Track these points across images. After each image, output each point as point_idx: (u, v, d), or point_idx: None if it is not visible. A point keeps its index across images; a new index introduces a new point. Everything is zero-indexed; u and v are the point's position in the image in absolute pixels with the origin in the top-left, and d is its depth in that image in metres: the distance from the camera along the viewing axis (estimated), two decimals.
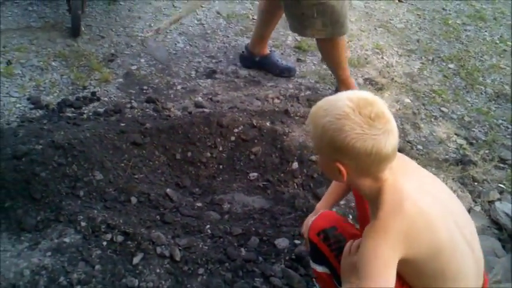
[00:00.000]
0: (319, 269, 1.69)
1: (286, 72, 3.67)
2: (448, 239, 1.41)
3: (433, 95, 3.70)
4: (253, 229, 2.35)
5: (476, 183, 2.87)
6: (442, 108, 3.57)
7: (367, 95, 1.36)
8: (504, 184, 2.87)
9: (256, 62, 3.70)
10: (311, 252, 1.73)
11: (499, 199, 2.74)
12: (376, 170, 1.38)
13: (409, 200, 1.37)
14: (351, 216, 2.50)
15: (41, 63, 3.47)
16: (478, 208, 2.69)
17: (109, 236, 2.14)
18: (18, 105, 3.03)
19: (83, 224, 2.18)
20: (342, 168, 1.38)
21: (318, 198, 2.59)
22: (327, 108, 1.35)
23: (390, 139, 1.32)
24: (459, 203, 1.57)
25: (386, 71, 3.94)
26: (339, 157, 1.37)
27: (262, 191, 2.68)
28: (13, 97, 3.10)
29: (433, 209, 1.41)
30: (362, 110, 1.30)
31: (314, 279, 2.04)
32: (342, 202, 2.53)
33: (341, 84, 3.33)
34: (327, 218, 1.72)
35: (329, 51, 3.21)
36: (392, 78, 3.85)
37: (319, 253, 1.67)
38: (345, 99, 1.34)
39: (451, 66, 4.12)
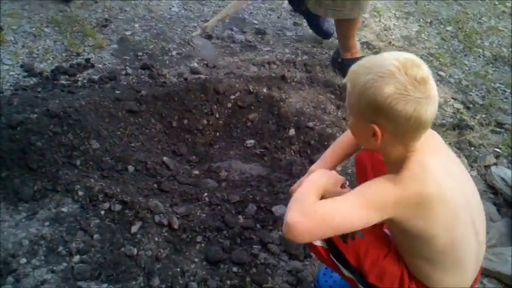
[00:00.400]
0: (317, 242, 1.65)
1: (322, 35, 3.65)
2: (461, 231, 1.41)
3: (431, 58, 3.67)
4: (251, 196, 2.35)
5: (472, 148, 2.87)
6: (440, 72, 3.54)
7: (414, 57, 1.30)
8: (500, 148, 2.88)
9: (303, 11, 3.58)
10: None
11: (495, 164, 2.74)
12: (411, 137, 1.33)
13: (431, 177, 1.34)
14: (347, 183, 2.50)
15: (34, 29, 3.41)
16: (474, 173, 2.70)
17: (107, 205, 2.15)
18: (11, 73, 2.99)
19: (81, 193, 2.18)
20: (378, 130, 1.32)
21: None
22: (369, 66, 1.30)
23: (431, 106, 1.28)
24: (475, 189, 1.54)
25: (384, 34, 3.90)
26: (376, 118, 1.30)
27: (259, 158, 2.67)
28: (6, 65, 3.05)
29: (455, 196, 1.38)
30: (408, 71, 1.25)
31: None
32: (338, 168, 2.53)
33: (345, 51, 3.27)
34: None
35: (349, 27, 3.15)
36: (390, 42, 3.81)
37: None
38: (391, 58, 1.28)
39: (449, 28, 4.08)
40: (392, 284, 1.53)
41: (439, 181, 1.35)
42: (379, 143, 1.36)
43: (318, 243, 1.66)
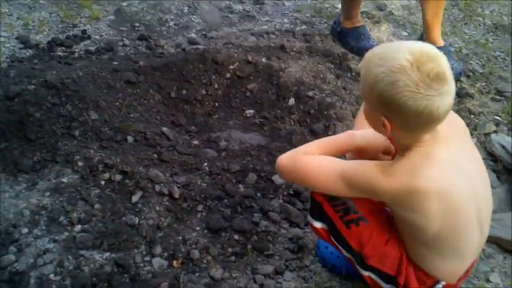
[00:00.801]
0: (317, 224, 1.66)
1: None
2: (463, 223, 1.41)
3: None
4: (251, 166, 2.35)
5: (472, 116, 2.86)
6: None
7: (430, 49, 1.26)
8: (500, 116, 2.87)
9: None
10: (311, 208, 1.68)
11: (495, 131, 2.73)
12: (421, 131, 1.33)
13: (430, 171, 1.33)
14: None
15: (29, 0, 3.36)
16: (474, 140, 2.69)
17: (107, 175, 2.14)
18: (7, 45, 2.96)
19: (80, 164, 2.17)
20: (387, 124, 1.32)
21: (314, 134, 2.59)
22: (383, 57, 1.26)
23: (445, 102, 1.24)
24: (487, 182, 1.53)
25: (384, 3, 3.84)
26: (386, 112, 1.30)
27: (259, 128, 2.66)
28: (2, 37, 3.02)
29: (459, 189, 1.38)
30: (422, 66, 1.21)
31: None
32: None
33: (346, 20, 3.16)
34: None
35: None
36: (390, 11, 3.76)
37: (322, 211, 1.62)
38: (405, 51, 1.24)
39: None
40: (392, 266, 1.54)
41: (443, 175, 1.34)
42: (389, 133, 1.36)
43: (318, 225, 1.66)
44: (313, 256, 2.02)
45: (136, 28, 3.27)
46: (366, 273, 1.59)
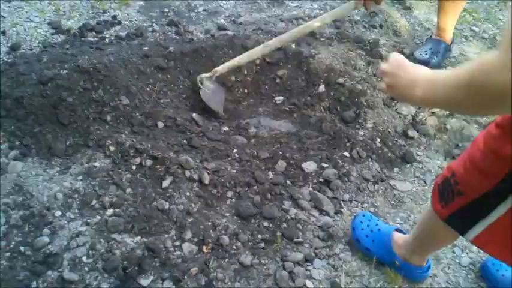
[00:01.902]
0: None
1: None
2: None
3: (464, 13, 3.55)
4: (280, 153, 2.34)
5: None
6: (473, 28, 3.44)
7: None
8: None
9: None
10: None
11: None
12: None
13: None
14: None
15: None
16: None
17: (138, 160, 2.16)
18: (39, 30, 2.99)
19: (112, 148, 2.19)
20: None
21: (345, 121, 2.57)
22: None
23: None
24: None
25: None
26: None
27: (289, 115, 2.65)
28: (34, 22, 3.05)
29: None
30: None
31: None
32: None
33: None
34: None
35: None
36: None
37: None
38: None
39: None
40: None
41: None
42: None
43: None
44: (343, 244, 2.01)
45: (166, 14, 3.27)
46: None
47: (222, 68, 2.58)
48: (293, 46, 2.87)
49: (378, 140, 2.48)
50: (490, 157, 1.25)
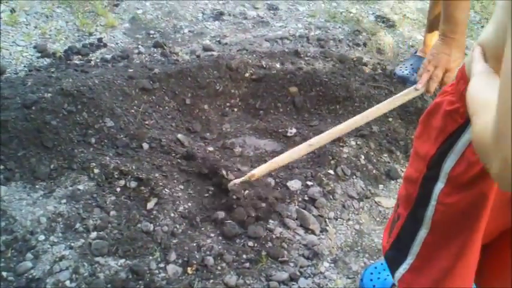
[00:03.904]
0: None
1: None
2: None
3: None
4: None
5: None
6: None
7: None
8: None
9: None
10: None
11: None
12: None
13: None
14: None
15: (45, 10, 3.40)
16: None
17: (122, 182, 2.16)
18: (25, 54, 3.00)
19: (96, 171, 2.19)
20: None
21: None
22: None
23: None
24: None
25: (398, 7, 3.83)
26: None
27: (273, 134, 2.66)
28: (19, 46, 3.06)
29: None
30: None
31: None
32: None
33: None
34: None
35: None
36: (405, 15, 3.74)
37: None
38: None
39: None
40: None
41: None
42: None
43: None
44: (328, 263, 2.01)
45: (152, 35, 3.30)
46: None
47: (259, 171, 2.09)
48: (278, 65, 2.89)
49: (363, 157, 2.49)
50: (414, 160, 1.19)
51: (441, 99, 1.10)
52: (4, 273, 1.78)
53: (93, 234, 1.95)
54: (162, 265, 1.90)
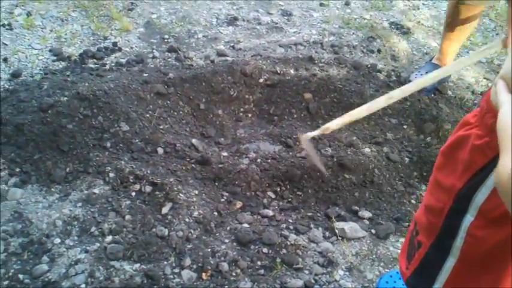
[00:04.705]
0: None
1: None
2: None
3: None
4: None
5: None
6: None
7: None
8: None
9: None
10: None
11: None
12: None
13: None
14: None
15: (61, 14, 3.43)
16: None
17: (137, 186, 2.17)
18: (40, 57, 3.02)
19: (111, 175, 2.20)
20: None
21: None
22: None
23: None
24: None
25: (413, 13, 3.82)
26: None
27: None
28: (35, 49, 3.08)
29: None
30: None
31: None
32: None
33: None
34: None
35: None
36: (419, 21, 3.74)
37: None
38: None
39: None
40: None
41: None
42: None
43: None
44: (343, 271, 2.00)
45: (166, 40, 3.31)
46: None
47: (335, 125, 2.14)
48: (292, 71, 2.89)
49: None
50: (435, 190, 1.18)
51: (466, 132, 1.08)
52: (20, 276, 1.79)
53: (109, 238, 1.95)
54: (176, 270, 1.90)
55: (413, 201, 2.38)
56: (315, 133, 1.93)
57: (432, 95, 2.94)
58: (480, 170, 1.02)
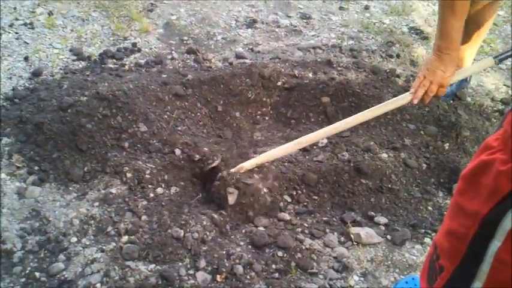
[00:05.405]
0: None
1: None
2: None
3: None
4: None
5: None
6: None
7: None
8: None
9: None
10: None
11: None
12: None
13: None
14: None
15: (82, 13, 3.46)
16: None
17: (154, 187, 2.18)
18: (61, 57, 3.05)
19: (129, 175, 2.21)
20: None
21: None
22: None
23: None
24: None
25: (432, 19, 3.79)
26: None
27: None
28: (56, 48, 3.12)
29: None
30: None
31: None
32: None
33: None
34: None
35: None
36: None
37: None
38: None
39: (501, 13, 3.93)
40: None
41: None
42: None
43: None
44: (358, 276, 1.99)
45: (185, 42, 3.33)
46: None
47: (249, 165, 2.24)
48: (310, 75, 2.89)
49: None
50: (458, 215, 1.16)
51: (489, 157, 1.07)
52: (37, 274, 1.81)
53: (125, 238, 1.97)
54: (191, 272, 1.90)
55: (430, 207, 2.36)
56: (231, 170, 2.09)
57: (451, 101, 2.91)
58: (508, 195, 1.01)
